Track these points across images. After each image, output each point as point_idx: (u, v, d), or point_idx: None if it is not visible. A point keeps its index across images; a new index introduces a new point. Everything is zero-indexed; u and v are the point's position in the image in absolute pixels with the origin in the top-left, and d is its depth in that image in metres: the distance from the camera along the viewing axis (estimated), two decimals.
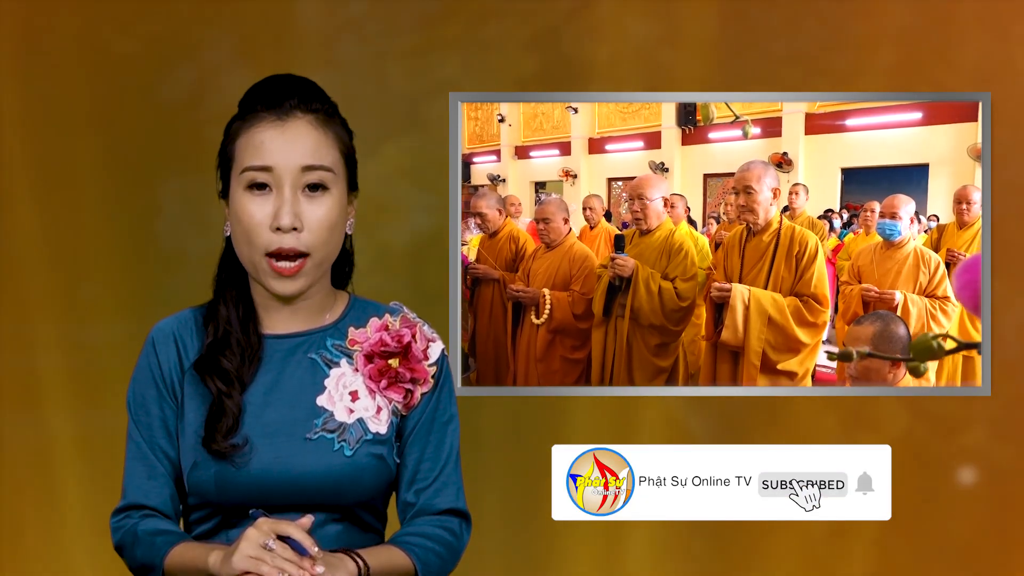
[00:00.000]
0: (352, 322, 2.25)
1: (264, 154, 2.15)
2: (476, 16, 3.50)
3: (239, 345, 2.19)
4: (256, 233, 2.15)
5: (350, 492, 2.17)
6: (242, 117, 2.19)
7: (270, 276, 2.16)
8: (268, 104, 2.17)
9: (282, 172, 2.15)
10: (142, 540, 2.17)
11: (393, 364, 2.22)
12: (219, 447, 2.14)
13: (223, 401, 2.16)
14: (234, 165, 2.18)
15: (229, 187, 2.19)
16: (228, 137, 2.20)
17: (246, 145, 2.16)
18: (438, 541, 2.22)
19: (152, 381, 2.21)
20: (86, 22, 3.50)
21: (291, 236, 2.14)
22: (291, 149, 2.15)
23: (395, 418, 2.22)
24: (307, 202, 2.16)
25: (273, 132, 2.15)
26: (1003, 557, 3.53)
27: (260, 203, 2.15)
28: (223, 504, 2.17)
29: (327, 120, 2.19)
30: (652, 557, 3.59)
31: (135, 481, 2.20)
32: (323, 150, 2.17)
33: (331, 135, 2.18)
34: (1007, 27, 3.48)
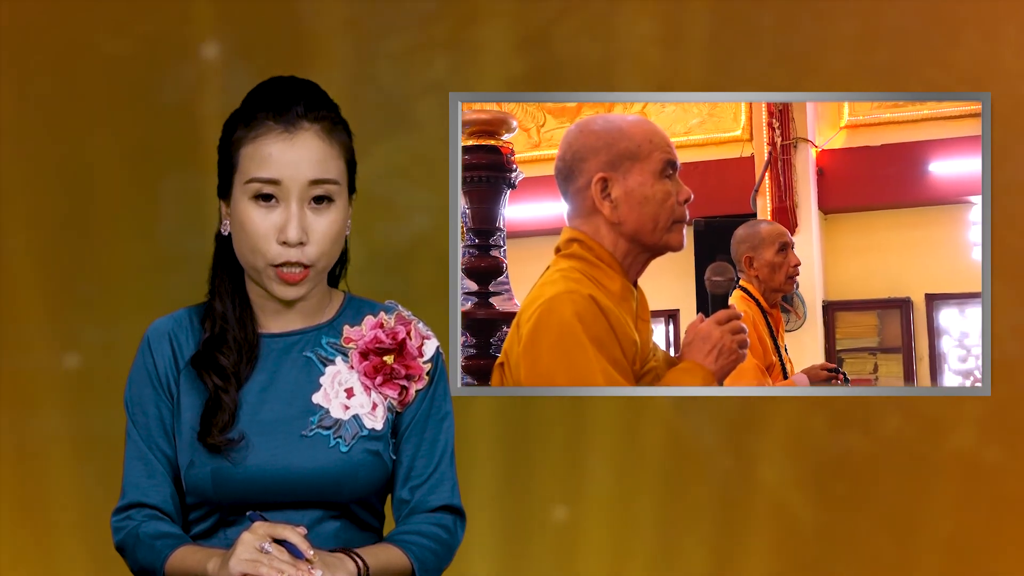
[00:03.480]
0: (347, 320, 2.26)
1: (272, 167, 2.14)
2: (475, 15, 3.51)
3: (236, 342, 2.20)
4: (261, 244, 2.15)
5: (346, 489, 2.18)
6: (247, 123, 2.17)
7: (274, 282, 2.17)
8: (274, 112, 2.16)
9: (290, 186, 2.15)
10: (143, 543, 2.18)
11: (388, 361, 2.23)
12: (214, 441, 2.15)
13: (219, 396, 2.17)
14: (238, 173, 2.17)
15: (230, 189, 2.19)
16: (232, 143, 2.18)
17: (253, 155, 2.16)
18: (433, 539, 2.23)
19: (148, 380, 2.22)
20: (86, 22, 3.51)
21: (296, 250, 2.15)
22: (299, 163, 2.15)
23: (391, 415, 2.23)
24: (313, 215, 2.16)
25: (281, 145, 2.15)
26: (1003, 557, 3.53)
27: (266, 215, 2.16)
28: (220, 502, 2.18)
29: (332, 128, 2.18)
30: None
31: (134, 480, 2.21)
32: (330, 162, 2.17)
33: (336, 144, 2.18)
34: (1007, 27, 3.48)
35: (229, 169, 2.19)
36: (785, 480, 3.55)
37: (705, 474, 3.56)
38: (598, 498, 3.58)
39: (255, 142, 2.16)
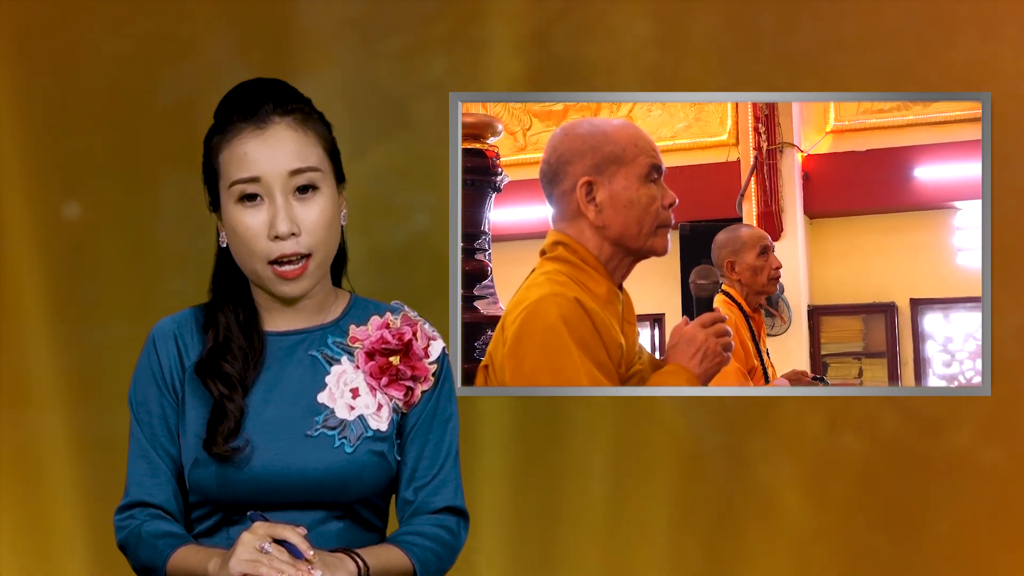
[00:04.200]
0: (353, 320, 2.25)
1: (249, 165, 2.15)
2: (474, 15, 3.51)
3: (242, 351, 2.20)
4: (254, 244, 2.15)
5: (351, 489, 2.18)
6: (221, 130, 2.18)
7: (275, 282, 2.17)
8: (244, 113, 2.16)
9: (270, 180, 2.15)
10: (146, 542, 2.17)
11: (394, 361, 2.22)
12: (220, 450, 2.15)
13: (225, 405, 2.16)
14: (221, 179, 2.18)
15: (219, 200, 2.19)
16: (211, 151, 2.19)
17: (230, 158, 2.16)
18: (436, 540, 2.22)
19: (153, 380, 2.21)
20: (85, 22, 3.50)
21: (290, 242, 2.15)
22: (275, 156, 2.15)
23: (396, 415, 2.23)
24: (300, 205, 2.16)
25: (255, 142, 2.15)
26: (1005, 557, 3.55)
27: (253, 214, 2.16)
28: (224, 502, 2.17)
29: (305, 119, 2.19)
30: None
31: (138, 479, 2.21)
32: (307, 151, 2.17)
33: (311, 133, 2.18)
34: (1007, 27, 3.50)
35: (214, 178, 2.20)
36: (783, 480, 3.55)
37: (704, 475, 3.57)
38: (597, 498, 3.57)
39: (230, 145, 2.16)
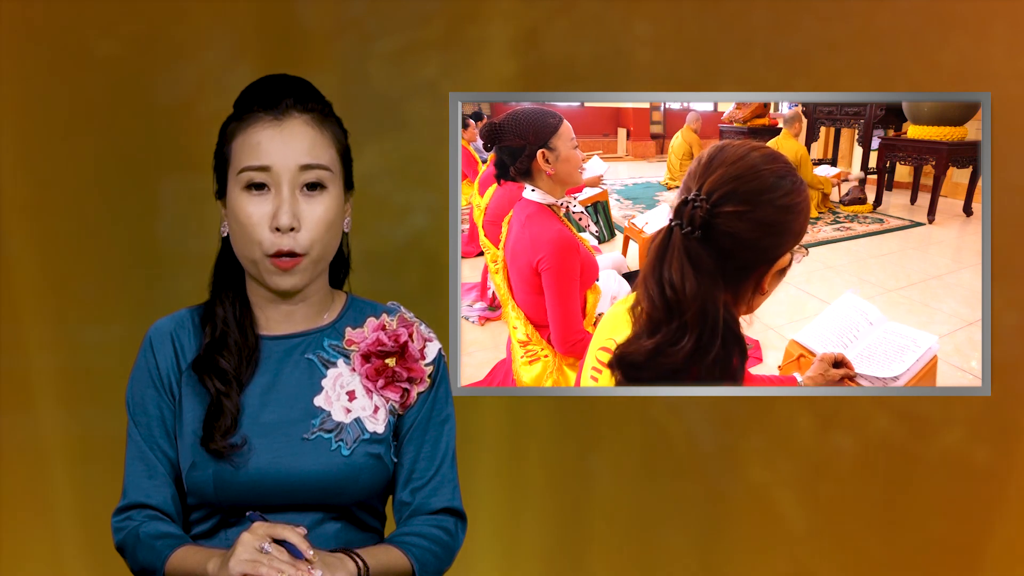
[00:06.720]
0: (349, 322, 2.25)
1: (262, 154, 2.16)
2: (471, 15, 3.50)
3: (237, 345, 2.20)
4: (255, 233, 2.16)
5: (348, 491, 2.18)
6: (238, 118, 2.20)
7: (271, 273, 2.17)
8: (264, 104, 2.18)
9: (280, 171, 2.16)
10: (144, 543, 2.18)
11: (390, 363, 2.22)
12: (217, 446, 2.15)
13: (221, 401, 2.17)
14: (231, 165, 2.19)
15: (226, 188, 2.20)
16: (224, 137, 2.21)
17: (243, 145, 2.17)
18: (434, 540, 2.23)
19: (150, 381, 2.22)
20: (84, 22, 3.51)
21: (289, 238, 2.15)
22: (288, 148, 2.16)
23: (392, 417, 2.23)
24: (305, 201, 2.17)
25: (270, 132, 2.16)
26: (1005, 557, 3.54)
27: (258, 203, 2.16)
28: (221, 504, 2.18)
29: (323, 119, 2.20)
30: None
31: (135, 480, 2.21)
32: (320, 149, 2.18)
33: (327, 134, 2.19)
34: (1003, 28, 3.48)
35: (224, 165, 2.20)
36: (775, 480, 3.55)
37: (696, 474, 3.57)
38: (594, 498, 3.58)
39: (245, 132, 2.17)
